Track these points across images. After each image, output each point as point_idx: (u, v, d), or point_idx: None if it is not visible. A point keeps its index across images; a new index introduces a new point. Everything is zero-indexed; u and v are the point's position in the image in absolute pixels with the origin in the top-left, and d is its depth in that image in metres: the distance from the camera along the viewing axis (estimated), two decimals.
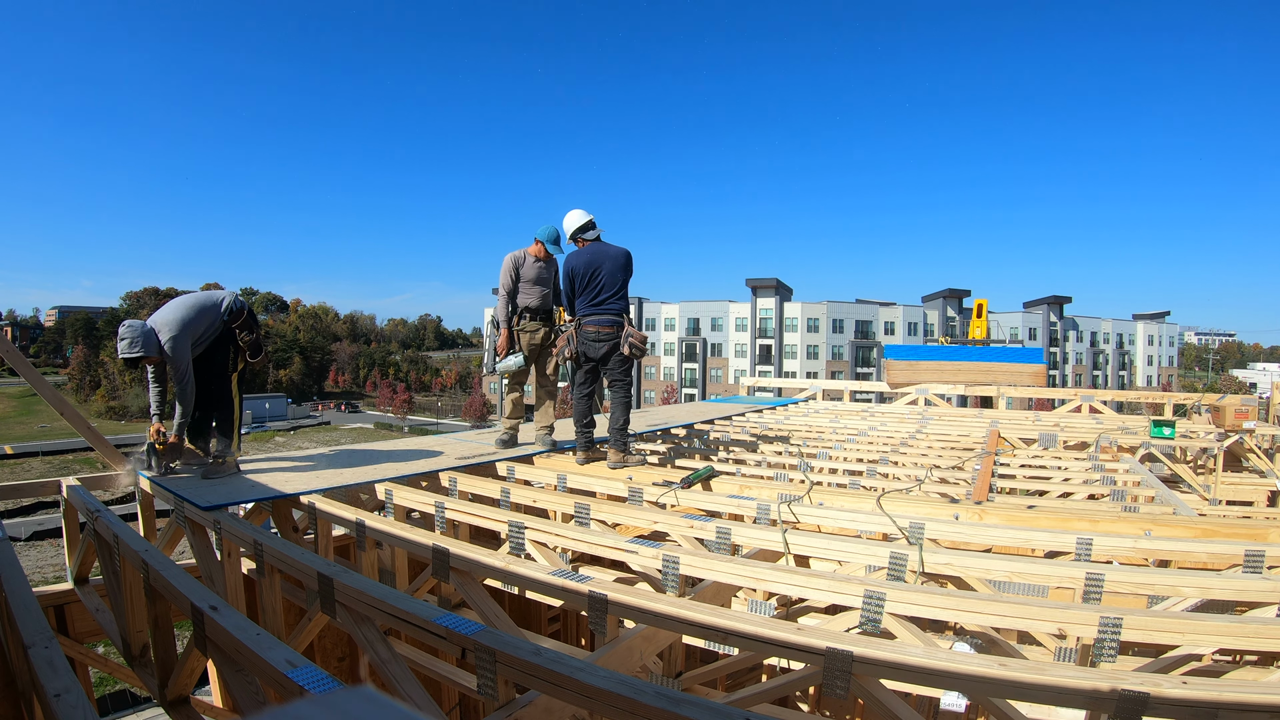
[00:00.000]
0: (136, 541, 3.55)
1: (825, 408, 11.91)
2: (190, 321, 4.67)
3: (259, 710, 2.53)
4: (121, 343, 4.45)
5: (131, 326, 4.47)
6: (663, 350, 67.64)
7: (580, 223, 5.45)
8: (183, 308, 4.74)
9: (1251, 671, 3.09)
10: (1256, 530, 3.44)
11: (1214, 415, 9.62)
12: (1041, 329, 68.76)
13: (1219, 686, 1.81)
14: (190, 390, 4.70)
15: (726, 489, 4.66)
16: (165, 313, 4.69)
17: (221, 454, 4.88)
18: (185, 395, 4.69)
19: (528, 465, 5.61)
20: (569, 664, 2.07)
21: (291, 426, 68.45)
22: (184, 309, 4.72)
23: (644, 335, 5.35)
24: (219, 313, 4.92)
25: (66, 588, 5.00)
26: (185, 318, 4.65)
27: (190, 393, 4.70)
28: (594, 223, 5.48)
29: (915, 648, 2.16)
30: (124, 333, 4.46)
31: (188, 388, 4.68)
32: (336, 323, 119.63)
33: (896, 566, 3.04)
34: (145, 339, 4.48)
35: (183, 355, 4.62)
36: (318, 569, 2.93)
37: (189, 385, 4.68)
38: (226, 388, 5.04)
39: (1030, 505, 4.26)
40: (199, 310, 4.79)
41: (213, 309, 4.89)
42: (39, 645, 2.74)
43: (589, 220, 5.46)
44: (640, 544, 3.33)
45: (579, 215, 5.49)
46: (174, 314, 4.67)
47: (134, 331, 4.45)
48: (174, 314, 4.67)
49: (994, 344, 17.76)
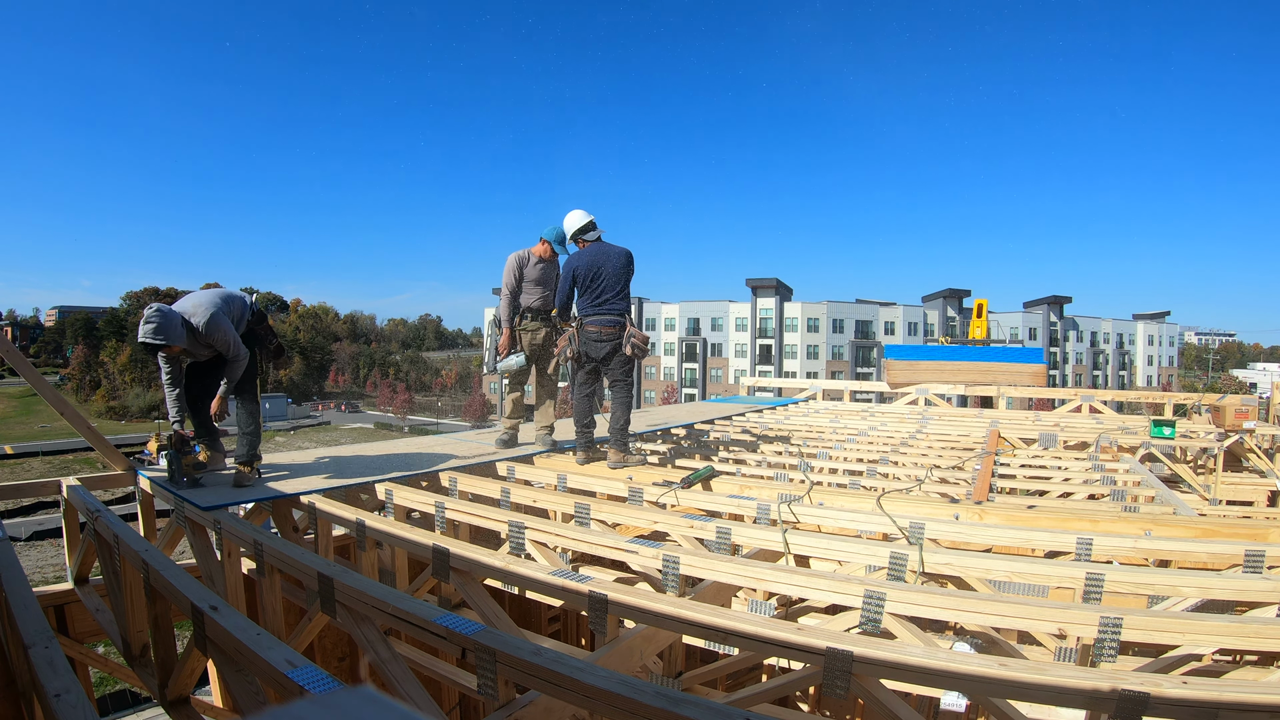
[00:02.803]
0: (136, 541, 3.55)
1: (825, 408, 11.91)
2: (223, 307, 4.44)
3: (259, 710, 2.53)
4: (147, 325, 4.07)
5: (161, 311, 4.15)
6: (663, 350, 67.63)
7: (581, 223, 5.47)
8: (212, 294, 4.49)
9: (1251, 671, 3.09)
10: (1256, 530, 3.44)
11: (1214, 415, 9.62)
12: (1041, 329, 68.75)
13: (1219, 686, 1.81)
14: (240, 370, 4.45)
15: (726, 489, 4.66)
16: (193, 299, 4.43)
17: (249, 460, 4.64)
18: (234, 373, 4.44)
19: (528, 465, 5.61)
20: (569, 664, 2.07)
21: (291, 426, 68.45)
22: (214, 295, 4.49)
23: (646, 335, 5.35)
24: (245, 309, 4.72)
25: (66, 588, 4.99)
26: (217, 302, 4.43)
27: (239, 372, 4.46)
28: (595, 223, 5.49)
29: (915, 648, 2.16)
30: (149, 315, 4.10)
31: (237, 367, 4.42)
32: (336, 323, 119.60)
33: (896, 566, 3.04)
34: (172, 327, 4.15)
35: (228, 330, 4.34)
36: (318, 569, 2.93)
37: (240, 363, 4.42)
38: (254, 391, 4.85)
39: (1030, 505, 4.26)
40: (228, 299, 4.57)
41: (240, 301, 4.70)
42: (39, 645, 2.75)
43: (590, 221, 5.47)
44: (640, 544, 3.33)
45: (580, 216, 5.51)
46: (204, 298, 4.42)
47: (162, 316, 4.12)
48: (204, 298, 4.42)
49: (994, 344, 17.78)
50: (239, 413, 4.83)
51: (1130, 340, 78.62)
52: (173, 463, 4.42)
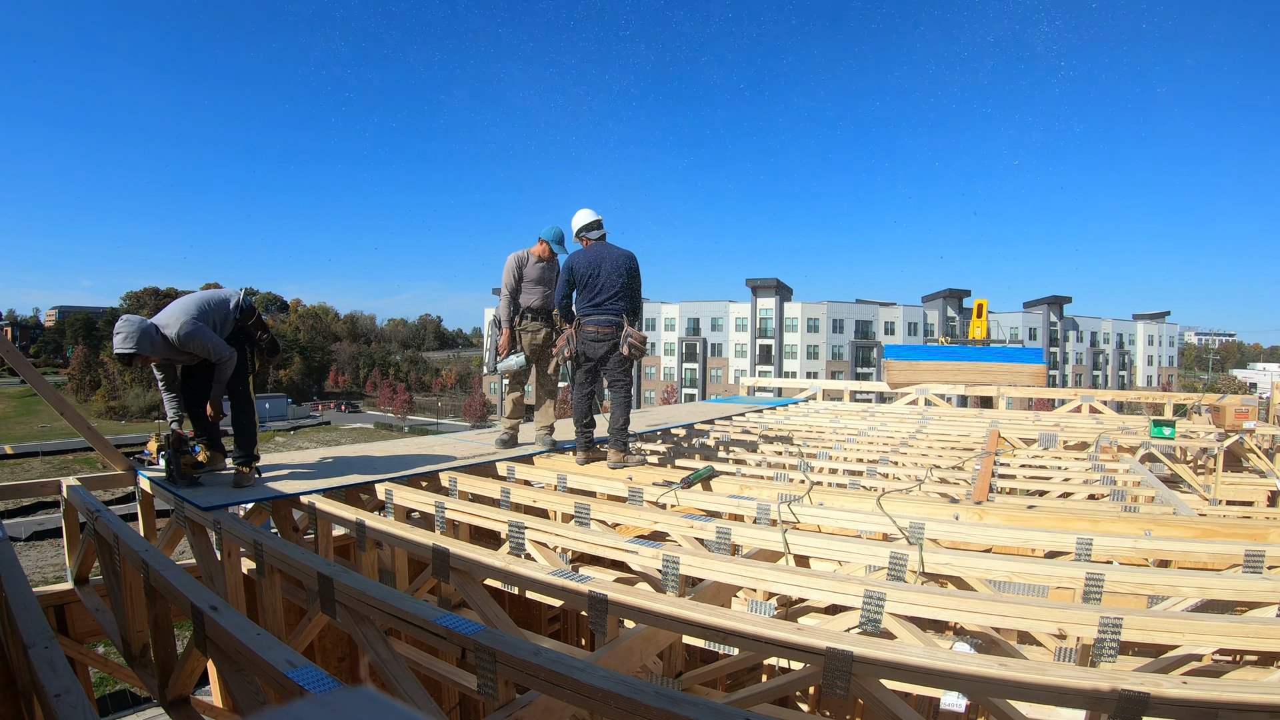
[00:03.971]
0: (136, 541, 3.55)
1: (825, 408, 11.91)
2: (197, 314, 4.44)
3: (259, 710, 2.53)
4: (116, 337, 4.20)
5: (128, 321, 4.24)
6: (663, 350, 67.65)
7: (586, 221, 5.44)
8: (188, 302, 4.51)
9: (1251, 671, 3.09)
10: (1256, 530, 3.44)
11: (1214, 415, 9.63)
12: (1041, 329, 68.78)
13: (1219, 686, 1.81)
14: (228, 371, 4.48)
15: (726, 489, 4.66)
16: (171, 308, 4.47)
17: (247, 460, 4.64)
18: (223, 374, 4.47)
19: (528, 465, 5.61)
20: (569, 664, 2.07)
21: (291, 427, 68.48)
22: (190, 303, 4.50)
23: (644, 335, 5.33)
24: (229, 310, 4.69)
25: (66, 588, 4.99)
26: (191, 310, 4.43)
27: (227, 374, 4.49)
28: (601, 223, 5.46)
29: (915, 648, 2.16)
30: (119, 327, 4.21)
31: (224, 369, 4.45)
32: (336, 323, 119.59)
33: (896, 566, 3.04)
34: (141, 335, 4.22)
35: (205, 336, 4.37)
36: (318, 569, 2.93)
37: (226, 365, 4.45)
38: (246, 390, 4.82)
39: (1030, 505, 4.26)
40: (206, 303, 4.57)
41: (221, 305, 4.67)
42: (39, 645, 2.74)
43: (596, 220, 5.45)
44: (640, 544, 3.33)
45: (587, 214, 5.48)
46: (179, 308, 4.44)
47: (130, 326, 4.22)
48: (179, 308, 4.44)
49: (994, 344, 17.74)
50: (233, 412, 4.80)
51: (1130, 340, 78.65)
52: (171, 463, 4.45)
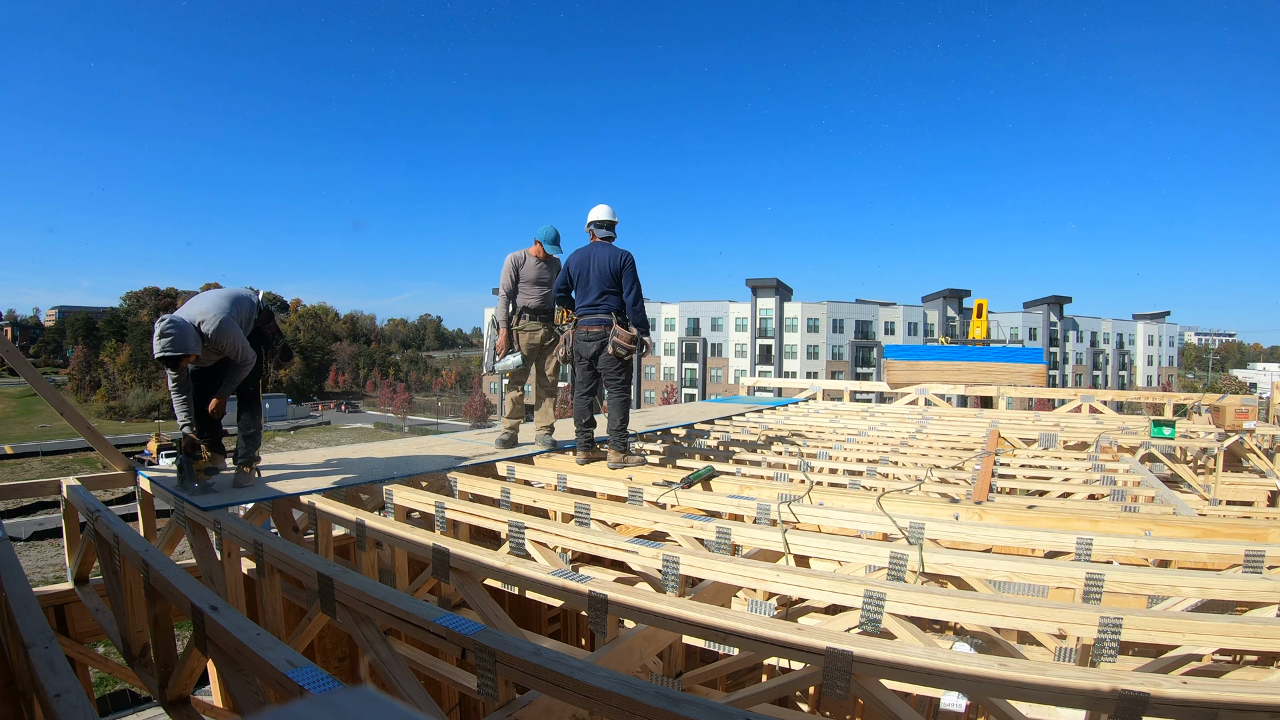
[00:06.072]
0: (136, 541, 3.55)
1: (825, 408, 11.90)
2: (231, 311, 4.38)
3: (259, 710, 2.53)
4: (163, 339, 3.97)
5: (174, 323, 4.03)
6: (663, 350, 67.61)
7: (596, 217, 5.39)
8: (220, 297, 4.44)
9: (1251, 671, 3.09)
10: (1256, 530, 3.44)
11: (1214, 415, 9.62)
12: (1041, 329, 68.76)
13: (1219, 686, 1.81)
14: (245, 374, 4.43)
15: (726, 489, 4.65)
16: (201, 303, 4.36)
17: (249, 461, 4.61)
18: (238, 375, 4.42)
19: (528, 465, 5.61)
20: (569, 664, 2.07)
21: (291, 426, 68.48)
22: (222, 298, 4.44)
23: (632, 335, 5.20)
24: (252, 309, 4.66)
25: (66, 588, 4.99)
26: (225, 306, 4.37)
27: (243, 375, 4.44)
28: (610, 224, 5.39)
29: (915, 648, 2.16)
30: (165, 328, 3.98)
31: (243, 371, 4.40)
32: (336, 323, 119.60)
33: (896, 566, 3.04)
34: (188, 337, 4.05)
35: (237, 336, 4.31)
36: (318, 569, 2.93)
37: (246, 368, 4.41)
38: (257, 392, 4.79)
39: (1030, 505, 4.26)
40: (236, 301, 4.50)
41: (247, 302, 4.62)
42: (39, 645, 2.74)
43: (606, 220, 5.38)
44: (640, 544, 3.33)
45: (600, 210, 5.42)
46: (213, 302, 4.35)
47: (175, 327, 4.00)
48: (213, 302, 4.35)
49: (994, 344, 17.79)
50: (241, 414, 4.79)
51: (1130, 340, 78.64)
52: (184, 468, 4.38)
